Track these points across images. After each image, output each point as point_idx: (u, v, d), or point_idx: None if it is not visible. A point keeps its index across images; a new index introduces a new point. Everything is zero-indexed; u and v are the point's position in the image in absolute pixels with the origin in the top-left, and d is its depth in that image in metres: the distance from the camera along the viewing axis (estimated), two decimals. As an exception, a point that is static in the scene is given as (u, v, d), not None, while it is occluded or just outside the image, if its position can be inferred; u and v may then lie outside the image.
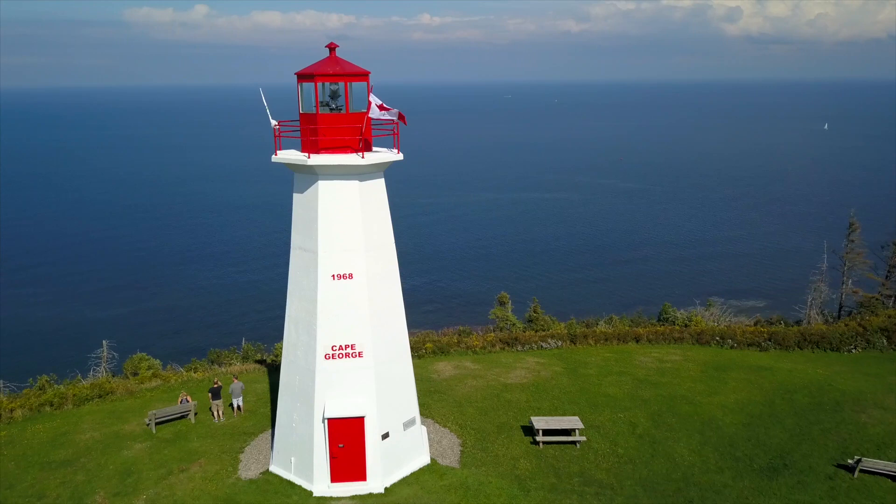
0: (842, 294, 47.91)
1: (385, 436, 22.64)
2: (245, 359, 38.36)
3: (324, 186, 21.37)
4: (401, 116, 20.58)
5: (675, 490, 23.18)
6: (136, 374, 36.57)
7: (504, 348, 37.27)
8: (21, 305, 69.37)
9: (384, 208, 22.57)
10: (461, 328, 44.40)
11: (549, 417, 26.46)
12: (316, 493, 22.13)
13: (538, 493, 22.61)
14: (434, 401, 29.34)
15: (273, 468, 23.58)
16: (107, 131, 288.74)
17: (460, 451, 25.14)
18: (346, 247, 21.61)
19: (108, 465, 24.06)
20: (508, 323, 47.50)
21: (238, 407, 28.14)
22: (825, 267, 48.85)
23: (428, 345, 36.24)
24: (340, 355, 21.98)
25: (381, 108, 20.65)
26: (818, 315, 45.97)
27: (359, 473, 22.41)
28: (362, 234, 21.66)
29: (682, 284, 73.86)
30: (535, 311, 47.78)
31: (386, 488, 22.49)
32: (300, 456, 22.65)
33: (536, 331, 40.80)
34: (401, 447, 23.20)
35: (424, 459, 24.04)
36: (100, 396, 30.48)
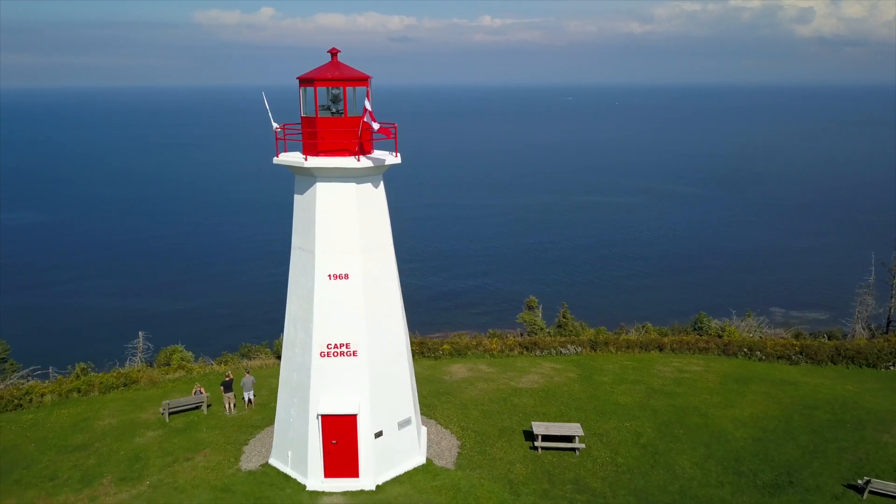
0: (890, 308, 46.02)
1: (378, 434, 23.02)
2: (279, 356, 39.49)
3: (321, 188, 21.91)
4: (382, 130, 20.99)
5: (670, 502, 22.78)
6: (168, 365, 38.13)
7: (523, 352, 37.21)
8: (71, 296, 73.04)
9: (382, 211, 22.96)
10: (491, 331, 44.52)
11: (550, 423, 26.35)
12: (309, 487, 22.68)
13: (529, 498, 22.59)
14: (441, 402, 29.60)
15: (272, 461, 24.27)
16: (173, 130, 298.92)
17: (458, 452, 25.31)
18: (342, 248, 22.10)
19: (120, 451, 25.22)
20: (536, 327, 47.37)
21: (249, 400, 29.03)
22: (872, 279, 47.04)
23: (445, 346, 36.51)
24: (335, 354, 22.47)
25: (371, 114, 21.04)
26: (864, 329, 44.31)
27: (351, 470, 22.86)
28: (358, 236, 22.11)
29: (724, 293, 71.77)
30: (564, 317, 47.49)
31: (378, 486, 22.87)
32: (296, 450, 23.25)
33: (555, 336, 40.52)
34: (395, 446, 23.53)
35: (420, 460, 24.31)
36: (124, 385, 31.90)
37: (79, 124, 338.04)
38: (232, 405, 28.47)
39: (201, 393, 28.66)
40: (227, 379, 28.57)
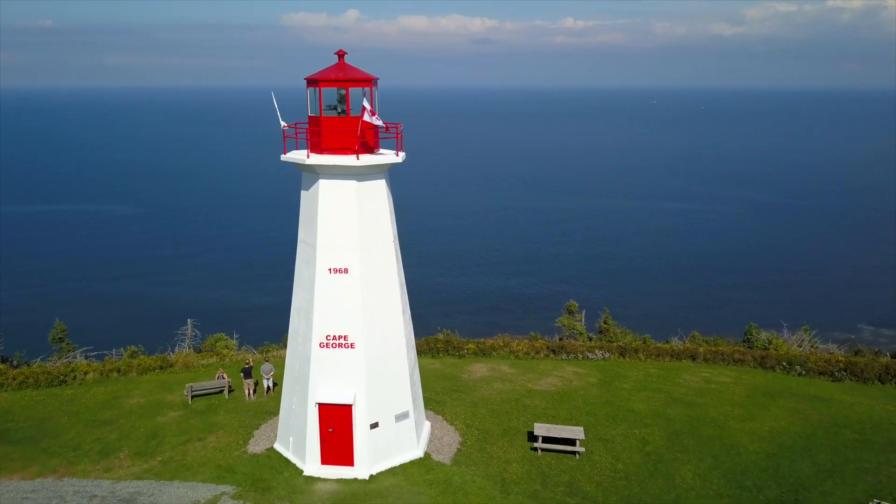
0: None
1: (374, 425, 23.65)
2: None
3: (323, 185, 22.75)
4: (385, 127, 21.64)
5: (663, 511, 22.40)
6: (211, 351, 40.05)
7: (549, 356, 37.09)
8: (131, 283, 77.76)
9: (384, 208, 23.56)
10: (532, 334, 44.50)
11: (551, 425, 26.29)
12: (306, 473, 23.56)
13: (517, 497, 22.69)
14: (452, 399, 29.98)
15: (276, 446, 25.31)
16: (254, 129, 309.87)
17: (457, 449, 25.63)
18: (342, 243, 22.86)
19: (140, 428, 26.88)
20: (574, 332, 46.99)
21: (268, 387, 30.26)
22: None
23: (470, 346, 36.84)
24: (334, 345, 23.26)
25: (371, 113, 21.69)
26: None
27: (347, 458, 23.59)
28: (357, 232, 22.81)
29: (793, 306, 68.99)
30: (605, 323, 46.90)
31: (371, 475, 23.50)
32: (296, 436, 24.19)
33: (585, 340, 40.14)
34: (391, 439, 24.10)
35: (417, 453, 24.77)
36: (160, 368, 33.84)
37: (172, 122, 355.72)
38: (251, 391, 29.77)
39: (223, 378, 30.11)
40: (247, 366, 29.91)
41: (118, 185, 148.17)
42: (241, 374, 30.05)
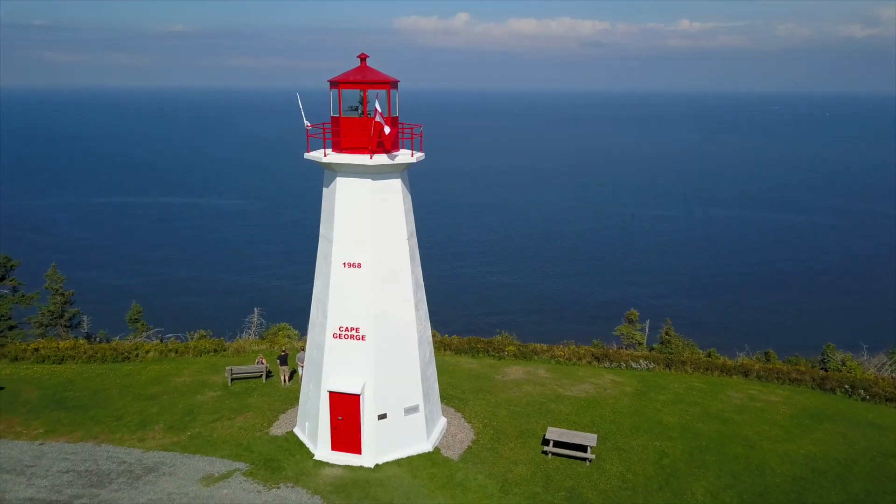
0: None
1: (382, 416, 24.38)
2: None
3: (341, 182, 23.72)
4: (391, 128, 22.32)
5: (663, 526, 21.80)
6: (273, 339, 42.18)
7: (591, 362, 36.53)
8: (214, 271, 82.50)
9: (399, 206, 24.22)
10: (596, 342, 44.05)
11: (564, 430, 26.06)
12: (317, 457, 24.59)
13: (516, 498, 22.73)
14: (476, 398, 30.24)
15: (295, 430, 26.54)
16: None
17: (468, 446, 25.91)
18: (356, 238, 23.75)
19: (179, 405, 28.90)
20: (634, 341, 45.99)
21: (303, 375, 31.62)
22: None
23: (510, 348, 36.88)
24: (346, 336, 24.18)
25: (382, 115, 22.41)
26: None
27: (355, 446, 24.44)
28: (371, 228, 23.62)
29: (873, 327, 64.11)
30: (667, 334, 45.63)
31: (377, 465, 24.23)
32: (311, 422, 25.29)
33: (629, 349, 39.21)
34: (399, 431, 24.73)
35: (425, 447, 25.27)
36: (215, 351, 36.06)
37: (290, 120, 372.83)
38: (286, 377, 31.26)
39: (262, 363, 31.79)
40: (283, 353, 31.43)
41: (234, 181, 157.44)
42: (278, 360, 31.60)
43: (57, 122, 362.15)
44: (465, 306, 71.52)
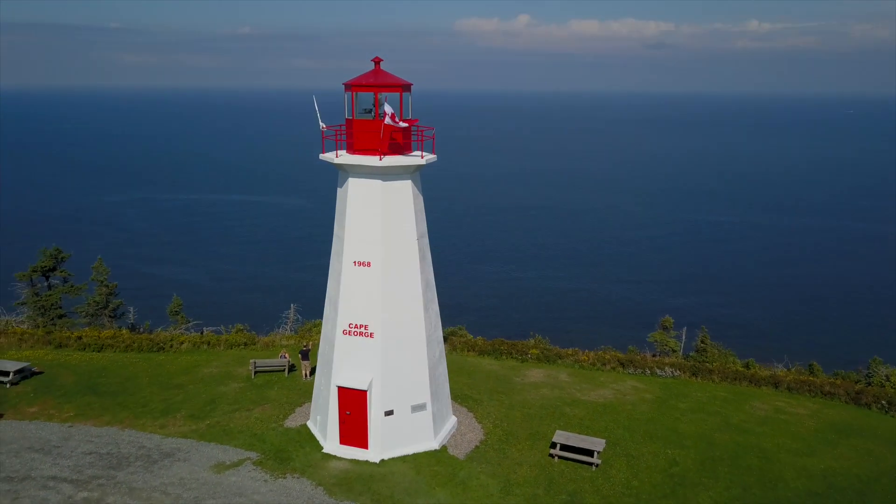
0: None
1: (388, 413, 24.83)
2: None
3: (352, 183, 24.31)
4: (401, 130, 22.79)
5: (663, 535, 21.53)
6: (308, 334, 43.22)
7: (616, 368, 36.15)
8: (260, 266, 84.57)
9: (410, 207, 24.61)
10: (631, 348, 43.60)
11: (572, 434, 25.95)
12: (325, 450, 25.22)
13: (516, 499, 22.81)
14: (490, 399, 30.38)
15: (308, 423, 27.26)
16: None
17: (475, 446, 26.11)
18: (366, 237, 24.28)
19: (202, 394, 30.03)
20: (668, 349, 45.22)
21: (324, 371, 32.37)
22: None
23: (533, 351, 36.83)
24: (355, 333, 24.74)
25: (392, 117, 22.86)
26: None
27: (362, 441, 24.96)
28: (381, 228, 24.10)
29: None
30: (703, 342, 44.71)
31: (382, 460, 24.69)
32: (322, 416, 25.95)
33: (658, 356, 38.60)
34: (405, 427, 25.13)
35: (432, 445, 25.59)
36: (245, 344, 37.24)
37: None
38: (307, 372, 32.06)
39: (285, 358, 32.69)
40: (305, 348, 32.24)
41: (296, 180, 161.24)
42: (300, 355, 32.44)
43: (127, 122, 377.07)
44: (503, 310, 71.53)
